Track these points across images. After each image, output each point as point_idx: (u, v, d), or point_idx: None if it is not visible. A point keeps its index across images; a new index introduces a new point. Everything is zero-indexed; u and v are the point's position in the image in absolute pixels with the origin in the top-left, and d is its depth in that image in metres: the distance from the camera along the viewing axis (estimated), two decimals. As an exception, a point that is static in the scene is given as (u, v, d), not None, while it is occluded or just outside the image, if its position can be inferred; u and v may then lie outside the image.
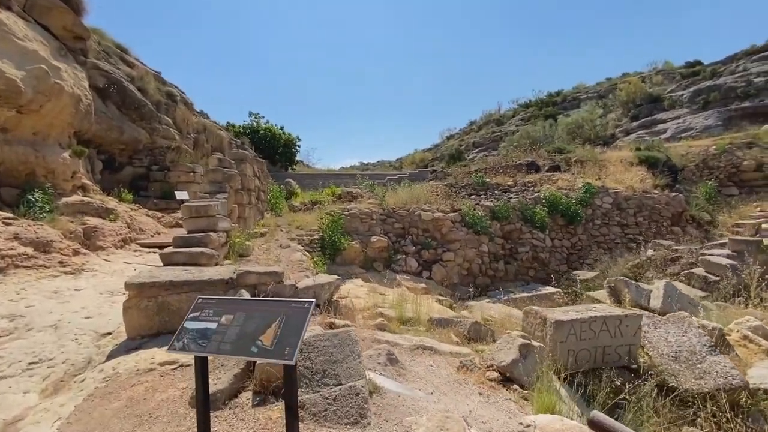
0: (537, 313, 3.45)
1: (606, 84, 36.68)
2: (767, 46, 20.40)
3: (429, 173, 25.96)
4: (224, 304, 2.11)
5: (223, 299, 2.19)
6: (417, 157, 46.74)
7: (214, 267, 4.32)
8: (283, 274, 3.90)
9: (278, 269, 3.94)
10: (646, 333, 3.53)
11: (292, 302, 2.03)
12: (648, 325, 3.63)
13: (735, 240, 7.19)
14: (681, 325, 3.45)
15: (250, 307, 2.08)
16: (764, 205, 13.32)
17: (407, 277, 8.59)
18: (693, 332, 3.34)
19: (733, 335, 4.05)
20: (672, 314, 3.62)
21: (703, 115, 20.01)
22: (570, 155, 17.80)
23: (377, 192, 11.17)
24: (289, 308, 1.98)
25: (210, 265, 4.59)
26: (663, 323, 3.56)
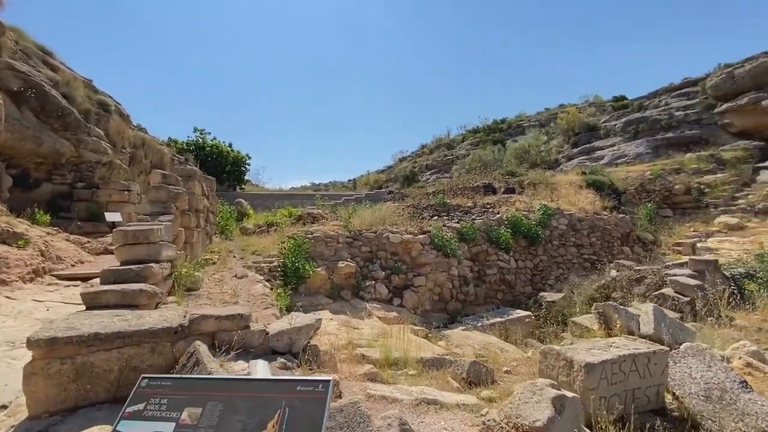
0: (559, 355, 3.00)
1: (545, 114, 39.58)
2: (683, 84, 23.13)
3: (386, 194, 25.79)
4: (185, 389, 1.37)
5: (182, 380, 1.44)
6: (371, 178, 46.77)
7: (156, 310, 3.40)
8: (249, 317, 3.12)
9: (243, 311, 3.14)
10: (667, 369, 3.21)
11: (296, 382, 1.34)
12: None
13: (695, 260, 7.48)
14: (703, 359, 3.18)
15: (228, 390, 1.36)
16: (696, 225, 14.56)
17: (377, 305, 7.93)
18: (718, 366, 3.07)
19: (735, 362, 3.90)
20: (690, 346, 3.36)
21: (634, 144, 21.96)
22: (523, 178, 18.50)
23: (342, 213, 10.51)
24: (294, 393, 1.30)
25: (150, 306, 3.64)
26: (682, 357, 3.28)
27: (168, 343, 2.84)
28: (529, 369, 4.42)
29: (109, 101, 12.38)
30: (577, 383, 2.78)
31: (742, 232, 13.52)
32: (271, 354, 3.16)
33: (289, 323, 3.20)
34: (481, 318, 8.60)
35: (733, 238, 13.20)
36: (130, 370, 2.73)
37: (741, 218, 14.14)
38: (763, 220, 13.88)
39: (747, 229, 13.60)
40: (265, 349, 3.15)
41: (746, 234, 13.29)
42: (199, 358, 2.60)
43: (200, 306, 4.38)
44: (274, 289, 5.89)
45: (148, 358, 2.77)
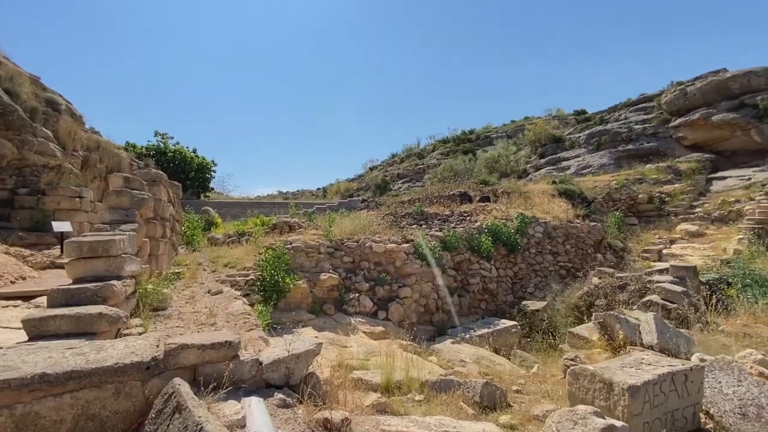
0: (595, 376, 2.71)
1: (512, 125, 40.88)
2: (640, 100, 24.57)
3: (359, 202, 25.38)
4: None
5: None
6: (342, 186, 46.28)
7: (120, 339, 2.81)
8: (239, 345, 2.61)
9: (231, 337, 2.63)
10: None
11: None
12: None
13: (676, 267, 7.63)
14: (731, 373, 3.01)
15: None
16: (660, 232, 15.23)
17: (362, 319, 7.47)
18: (749, 380, 2.91)
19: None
20: (716, 359, 3.20)
21: (598, 155, 22.95)
22: (496, 187, 18.73)
23: (322, 221, 9.99)
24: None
25: (112, 334, 3.03)
26: (709, 371, 3.10)
27: (138, 382, 2.29)
28: (539, 387, 4.15)
29: (59, 99, 11.23)
30: (620, 408, 2.50)
31: (702, 238, 14.27)
32: (266, 387, 2.66)
33: (286, 350, 2.71)
34: (469, 329, 8.34)
35: (694, 245, 13.89)
36: (88, 419, 2.16)
37: (700, 225, 14.95)
38: (719, 227, 14.74)
39: (706, 235, 14.38)
40: (259, 382, 2.64)
41: (705, 240, 14.04)
42: (180, 402, 2.08)
43: (171, 329, 3.77)
44: (255, 306, 5.30)
45: (111, 403, 2.21)
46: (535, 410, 3.31)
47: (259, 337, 3.49)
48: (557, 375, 4.38)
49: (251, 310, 4.49)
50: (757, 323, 6.23)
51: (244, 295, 5.85)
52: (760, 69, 18.08)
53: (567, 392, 2.93)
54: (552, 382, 4.22)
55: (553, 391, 3.93)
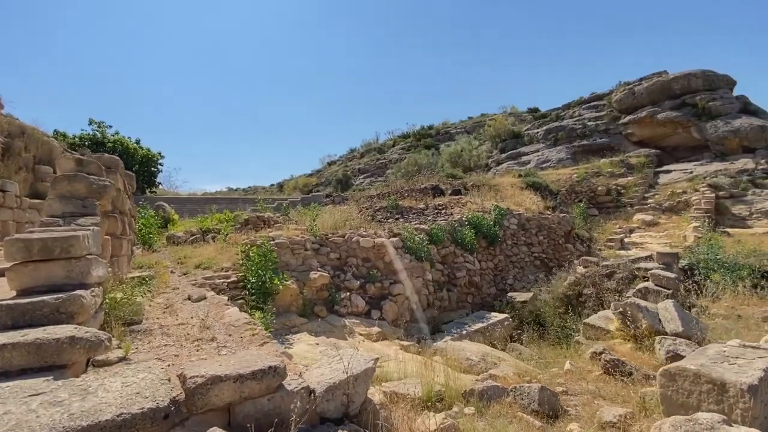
0: (700, 376, 2.37)
1: (470, 122, 41.83)
2: (591, 98, 25.97)
3: (323, 197, 24.47)
4: None
5: None
6: (300, 182, 44.76)
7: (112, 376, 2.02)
8: (285, 371, 1.95)
9: (273, 360, 1.96)
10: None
11: None
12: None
13: (661, 253, 7.84)
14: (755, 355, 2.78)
15: None
16: (620, 222, 16.07)
17: (356, 320, 6.85)
18: None
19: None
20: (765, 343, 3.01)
21: (556, 150, 23.92)
22: (466, 180, 18.79)
23: (298, 216, 9.17)
24: None
25: (80, 366, 2.20)
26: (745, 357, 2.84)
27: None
28: (582, 386, 3.83)
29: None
30: (738, 412, 2.18)
31: (656, 227, 15.25)
32: (321, 423, 2.01)
33: (345, 370, 2.08)
34: (463, 325, 8.03)
35: (651, 233, 14.80)
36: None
37: (654, 215, 15.99)
38: (670, 216, 15.84)
39: (660, 224, 15.39)
40: (313, 417, 2.00)
41: (660, 229, 15.01)
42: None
43: (160, 350, 2.94)
44: (252, 313, 4.49)
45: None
46: (605, 416, 2.95)
47: (277, 352, 2.79)
48: (594, 371, 4.11)
49: (254, 320, 3.73)
50: (742, 305, 6.48)
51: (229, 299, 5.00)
52: (698, 71, 19.70)
53: (660, 395, 2.59)
54: (592, 380, 3.94)
55: (603, 390, 3.62)
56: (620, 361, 3.93)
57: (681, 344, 4.14)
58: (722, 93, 18.74)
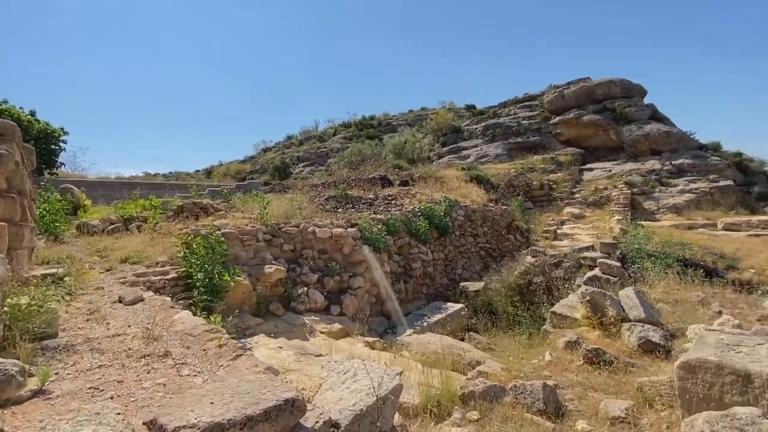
0: (722, 367, 2.32)
1: (411, 115, 42.31)
2: (525, 98, 27.61)
3: (260, 185, 22.99)
4: None
5: None
6: (232, 168, 41.82)
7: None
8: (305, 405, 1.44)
9: (288, 392, 1.45)
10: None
11: None
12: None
13: (604, 243, 8.40)
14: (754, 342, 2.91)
15: None
16: (553, 215, 17.28)
17: (315, 317, 6.30)
18: None
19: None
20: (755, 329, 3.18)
21: (493, 145, 25.07)
22: (412, 172, 18.81)
23: (242, 203, 8.24)
24: None
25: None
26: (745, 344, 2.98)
27: None
28: (570, 378, 3.78)
29: None
30: (764, 402, 2.15)
31: (584, 220, 16.67)
32: (348, 465, 1.54)
33: (373, 393, 1.63)
34: (422, 317, 7.88)
35: (580, 225, 16.13)
36: None
37: (581, 209, 17.46)
38: (594, 210, 17.42)
39: (586, 217, 16.85)
40: (340, 459, 1.51)
41: (587, 222, 16.44)
42: None
43: (95, 375, 2.19)
44: (205, 316, 3.71)
45: None
46: (611, 410, 2.87)
47: (267, 369, 2.23)
48: (575, 361, 4.11)
49: (212, 326, 3.04)
50: (673, 290, 7.15)
51: (173, 300, 4.15)
52: (617, 80, 21.86)
53: (678, 389, 2.53)
54: (576, 370, 3.92)
55: (591, 381, 3.60)
56: (601, 350, 3.96)
57: (649, 330, 4.31)
58: (636, 101, 21.03)
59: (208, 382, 2.01)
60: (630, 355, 4.11)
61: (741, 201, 16.05)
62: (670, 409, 2.77)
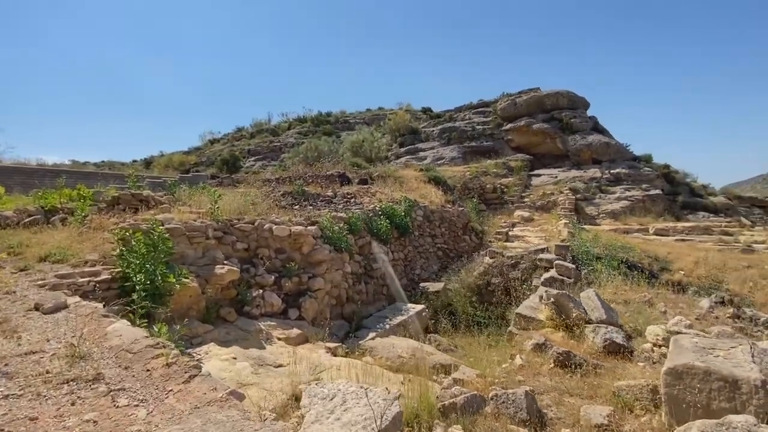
0: (710, 373, 2.31)
1: (369, 114, 42.12)
2: (479, 104, 28.52)
3: (207, 178, 21.51)
4: None
5: None
6: (175, 159, 38.97)
7: None
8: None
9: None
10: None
11: None
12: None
13: (558, 246, 8.71)
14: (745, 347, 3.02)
15: None
16: (505, 217, 17.91)
17: (272, 322, 5.81)
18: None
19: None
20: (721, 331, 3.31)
21: (449, 148, 25.58)
22: (371, 170, 18.57)
23: (188, 197, 7.48)
24: None
25: None
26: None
27: None
28: (543, 382, 3.73)
29: None
30: (751, 409, 2.17)
31: (533, 222, 17.46)
32: None
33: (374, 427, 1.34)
34: (384, 319, 7.64)
35: (529, 228, 16.87)
36: None
37: (530, 212, 18.29)
38: (542, 214, 18.33)
39: (535, 220, 17.67)
40: None
41: (536, 224, 17.24)
42: None
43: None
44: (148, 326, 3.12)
45: None
46: (592, 417, 2.81)
47: (229, 394, 1.84)
48: (545, 364, 4.08)
49: (156, 340, 2.55)
50: (622, 291, 7.56)
51: (105, 306, 3.50)
52: (564, 91, 23.24)
53: (665, 395, 2.50)
54: (547, 374, 3.89)
55: (565, 386, 3.56)
56: (571, 353, 3.97)
57: (613, 332, 4.42)
58: (580, 112, 22.50)
59: (155, 415, 1.60)
60: (596, 357, 4.17)
61: (668, 209, 17.74)
62: (650, 414, 2.77)
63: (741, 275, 10.08)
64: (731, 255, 11.84)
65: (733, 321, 6.07)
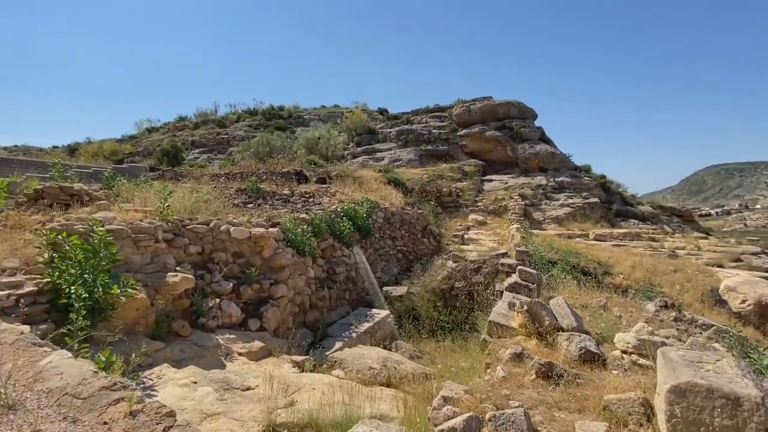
0: (713, 391, 2.34)
1: (324, 110, 41.24)
2: (435, 109, 29.03)
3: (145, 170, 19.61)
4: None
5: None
6: (106, 148, 35.26)
7: None
8: None
9: None
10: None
11: None
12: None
13: (519, 251, 8.96)
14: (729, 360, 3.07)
15: None
16: (460, 220, 18.32)
17: (231, 334, 5.27)
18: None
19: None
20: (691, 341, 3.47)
21: (406, 151, 25.74)
22: (329, 169, 18.06)
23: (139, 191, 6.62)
24: None
25: None
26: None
27: None
28: (528, 396, 3.68)
29: None
30: (751, 426, 2.21)
31: (486, 226, 18.05)
32: None
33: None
34: (349, 326, 7.34)
35: (483, 231, 17.41)
36: None
37: (483, 216, 18.90)
38: (494, 218, 19.03)
39: (488, 224, 18.28)
40: None
41: (489, 228, 17.83)
42: None
43: None
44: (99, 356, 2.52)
45: None
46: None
47: None
48: (527, 375, 4.06)
49: (112, 377, 2.06)
50: (577, 296, 7.94)
51: (32, 329, 2.84)
52: (515, 101, 24.39)
53: (667, 413, 2.50)
54: (530, 385, 3.86)
55: (551, 399, 3.54)
56: (552, 363, 3.98)
57: (586, 340, 4.53)
58: (529, 122, 23.74)
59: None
60: (573, 366, 4.23)
61: (604, 216, 19.28)
62: (643, 428, 2.79)
63: (670, 278, 11.14)
64: (660, 260, 13.09)
65: (676, 324, 6.59)
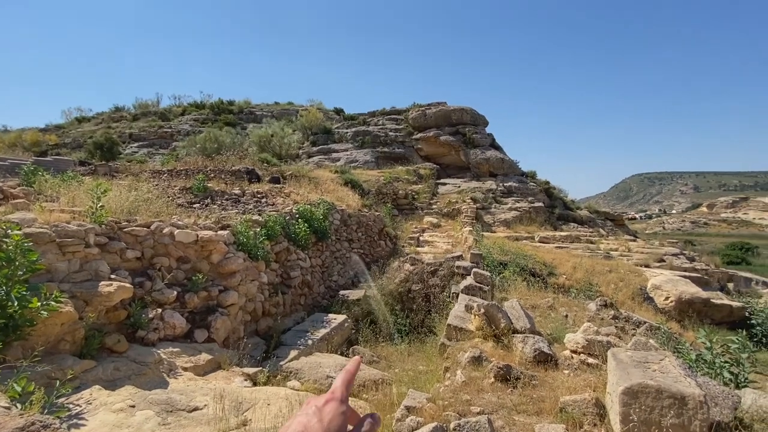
0: (661, 391, 2.46)
1: (277, 107, 39.90)
2: (392, 111, 29.23)
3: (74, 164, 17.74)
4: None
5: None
6: (27, 138, 31.58)
7: None
8: None
9: None
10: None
11: None
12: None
13: (473, 254, 9.19)
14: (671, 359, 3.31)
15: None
16: (416, 223, 18.55)
17: (175, 347, 4.83)
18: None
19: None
20: (634, 341, 3.71)
21: (363, 152, 25.64)
22: (283, 168, 17.45)
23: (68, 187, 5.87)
24: None
25: None
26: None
27: None
28: (488, 400, 3.73)
29: None
30: (696, 423, 2.36)
31: (440, 229, 18.46)
32: None
33: None
34: (305, 333, 7.06)
35: (437, 233, 17.78)
36: None
37: (438, 219, 19.31)
38: (448, 220, 19.52)
39: (442, 227, 18.71)
40: None
41: (443, 230, 18.25)
42: None
43: None
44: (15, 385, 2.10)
45: None
46: (549, 438, 2.83)
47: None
48: (486, 378, 4.11)
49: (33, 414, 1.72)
50: (527, 296, 8.30)
51: None
52: (468, 108, 25.22)
53: (621, 414, 2.60)
54: (489, 389, 3.91)
55: (510, 402, 3.60)
56: (510, 366, 4.07)
57: (540, 341, 4.70)
58: (481, 129, 24.67)
59: None
60: (528, 368, 4.36)
61: (547, 219, 20.52)
62: (597, 428, 2.91)
63: (606, 278, 12.06)
64: (597, 261, 14.15)
65: (615, 321, 7.10)
